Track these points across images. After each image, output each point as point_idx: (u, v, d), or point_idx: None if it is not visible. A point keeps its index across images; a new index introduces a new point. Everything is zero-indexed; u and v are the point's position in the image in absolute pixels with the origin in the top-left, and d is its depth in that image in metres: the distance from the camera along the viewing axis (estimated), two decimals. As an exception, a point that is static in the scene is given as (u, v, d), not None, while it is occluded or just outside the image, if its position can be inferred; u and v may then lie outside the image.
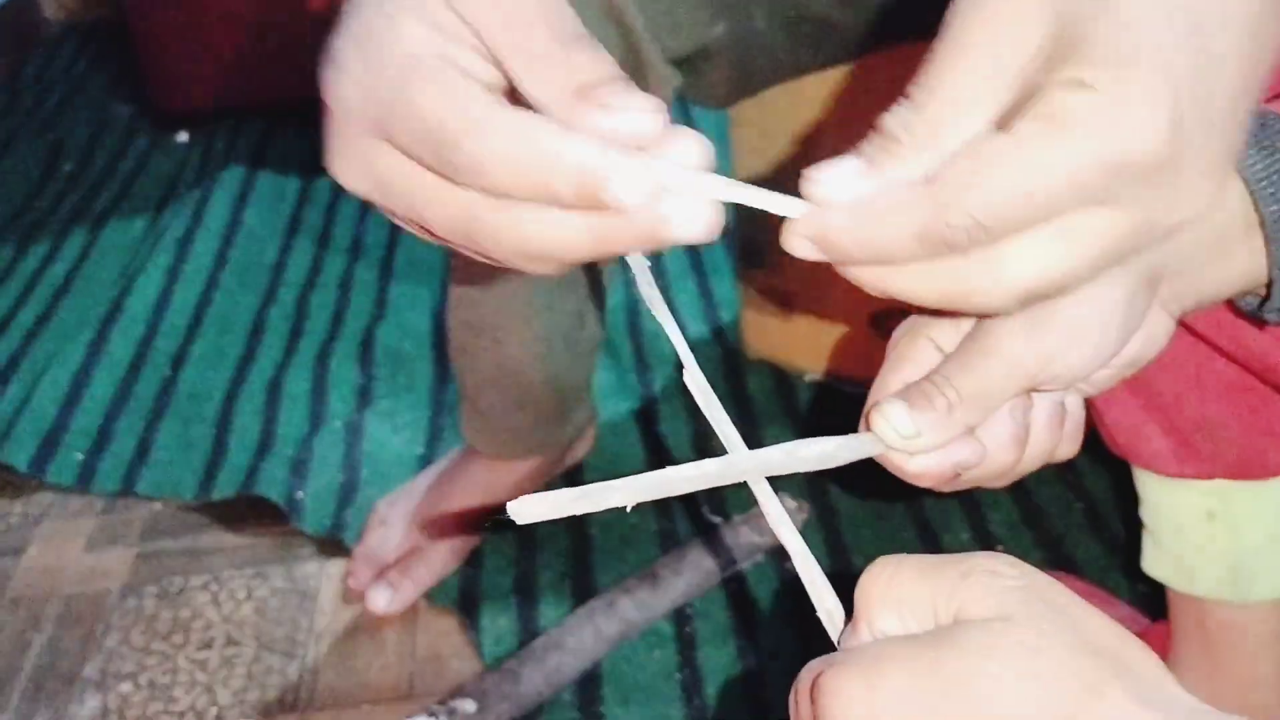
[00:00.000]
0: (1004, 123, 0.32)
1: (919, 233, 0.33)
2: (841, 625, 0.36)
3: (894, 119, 0.34)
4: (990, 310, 0.36)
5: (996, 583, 0.31)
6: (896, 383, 0.42)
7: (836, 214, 0.34)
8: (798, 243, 0.36)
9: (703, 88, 0.93)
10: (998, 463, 0.42)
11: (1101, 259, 0.34)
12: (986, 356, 0.40)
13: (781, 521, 0.38)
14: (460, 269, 0.92)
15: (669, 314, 0.41)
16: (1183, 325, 0.63)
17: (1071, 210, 0.32)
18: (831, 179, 0.34)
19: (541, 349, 0.94)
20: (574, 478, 1.07)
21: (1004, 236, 0.33)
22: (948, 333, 0.42)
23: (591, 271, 0.95)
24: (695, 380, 0.40)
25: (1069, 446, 0.45)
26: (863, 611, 0.33)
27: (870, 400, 0.43)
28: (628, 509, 0.37)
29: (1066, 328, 0.39)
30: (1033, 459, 0.43)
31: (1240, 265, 0.43)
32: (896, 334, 0.44)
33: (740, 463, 0.39)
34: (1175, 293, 0.42)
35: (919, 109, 0.33)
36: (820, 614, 0.36)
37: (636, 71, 0.83)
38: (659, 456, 1.11)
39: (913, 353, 0.43)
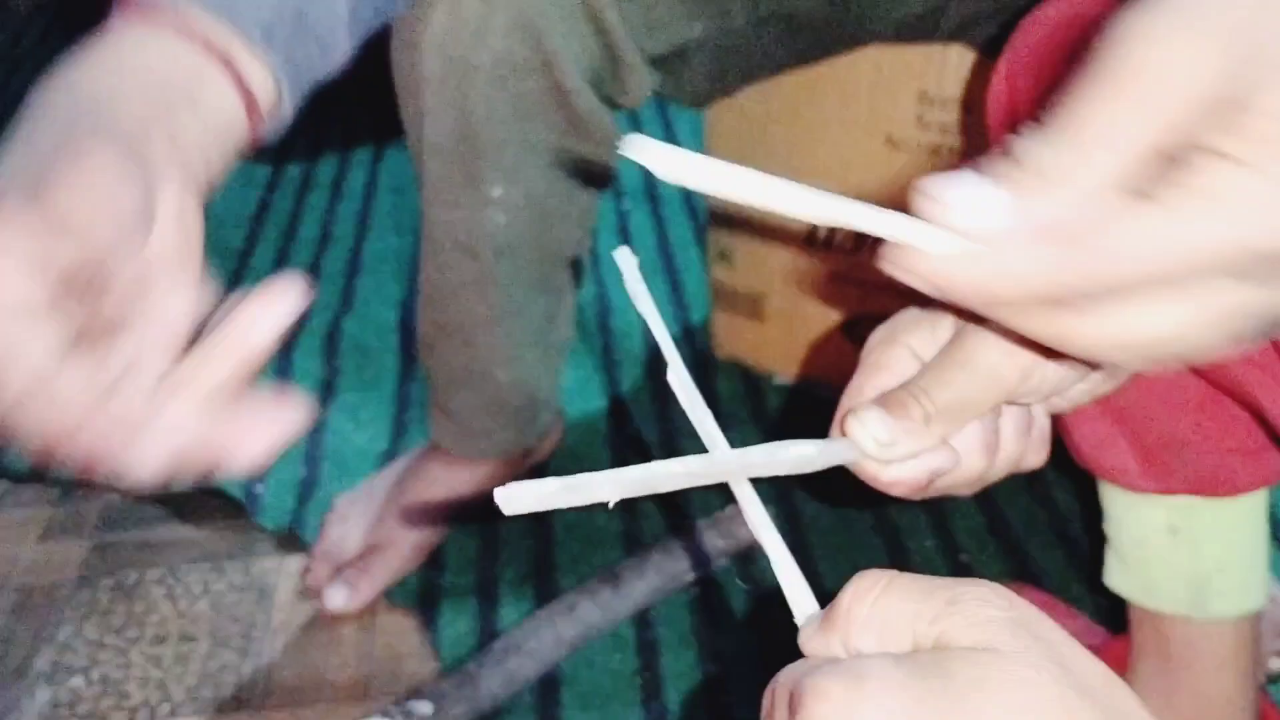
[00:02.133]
0: (1143, 172, 0.30)
1: (1046, 290, 0.31)
2: (809, 613, 0.35)
3: (1036, 148, 0.30)
4: (1095, 358, 0.34)
5: (984, 612, 0.30)
6: (872, 390, 0.42)
7: (959, 261, 0.31)
8: (901, 274, 0.33)
9: (680, 87, 0.92)
10: (968, 470, 0.42)
11: (1224, 328, 0.32)
12: (964, 368, 0.39)
13: (763, 524, 0.38)
14: (430, 267, 0.91)
15: (655, 311, 0.40)
16: None
17: (1206, 279, 0.30)
18: (969, 203, 0.31)
19: (511, 351, 0.93)
20: (538, 476, 1.06)
21: (1132, 299, 0.31)
22: (925, 341, 0.42)
23: (563, 274, 0.94)
24: (680, 379, 0.39)
25: (1036, 456, 0.45)
26: (840, 624, 0.32)
27: (843, 406, 0.42)
28: (609, 505, 0.37)
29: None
30: (1001, 467, 0.43)
31: None
32: (872, 340, 0.43)
33: (723, 462, 0.38)
34: None
35: (1067, 143, 0.30)
36: (798, 618, 0.36)
37: (614, 72, 0.82)
38: (626, 456, 1.10)
39: (889, 360, 0.42)
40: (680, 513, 1.03)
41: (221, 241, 1.46)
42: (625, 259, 0.41)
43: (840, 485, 0.47)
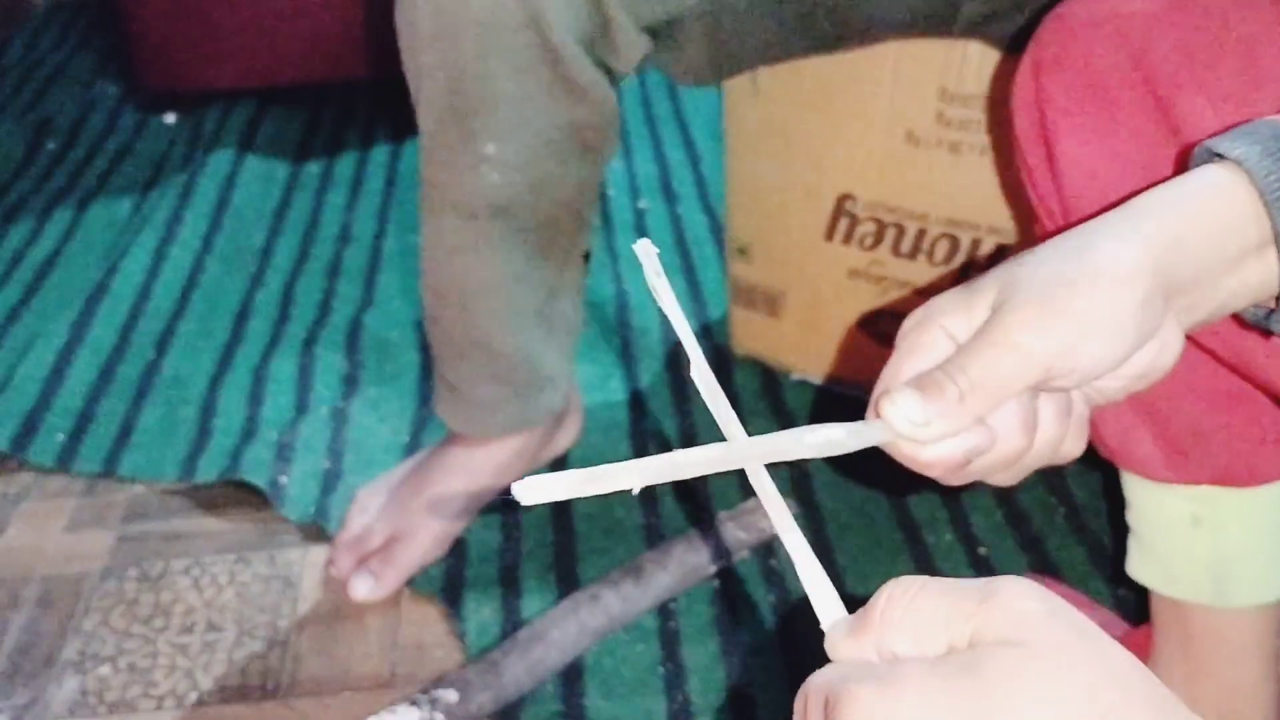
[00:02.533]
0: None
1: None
2: (837, 618, 0.35)
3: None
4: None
5: (1016, 606, 0.30)
6: (908, 371, 0.43)
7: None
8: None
9: (680, 61, 0.91)
10: (1007, 449, 0.43)
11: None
12: (999, 348, 0.40)
13: (783, 517, 0.38)
14: (428, 230, 0.91)
15: (676, 305, 0.41)
16: None
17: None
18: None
19: (510, 319, 0.93)
20: (558, 469, 1.07)
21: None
22: (960, 324, 0.43)
23: (564, 246, 0.94)
24: (701, 374, 0.40)
25: (1075, 444, 0.45)
26: (874, 629, 0.32)
27: (878, 390, 0.43)
28: (633, 492, 0.37)
29: (1080, 322, 0.40)
30: (1040, 450, 0.44)
31: (1253, 277, 0.43)
32: (908, 324, 0.44)
33: (748, 448, 0.39)
34: (1188, 305, 0.43)
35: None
36: (823, 619, 0.36)
37: (604, 32, 0.82)
38: (647, 450, 1.11)
39: (925, 341, 0.43)
40: (702, 505, 1.04)
41: (243, 239, 1.47)
42: (646, 251, 0.42)
43: (866, 469, 0.48)
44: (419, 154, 0.88)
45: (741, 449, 0.38)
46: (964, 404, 0.41)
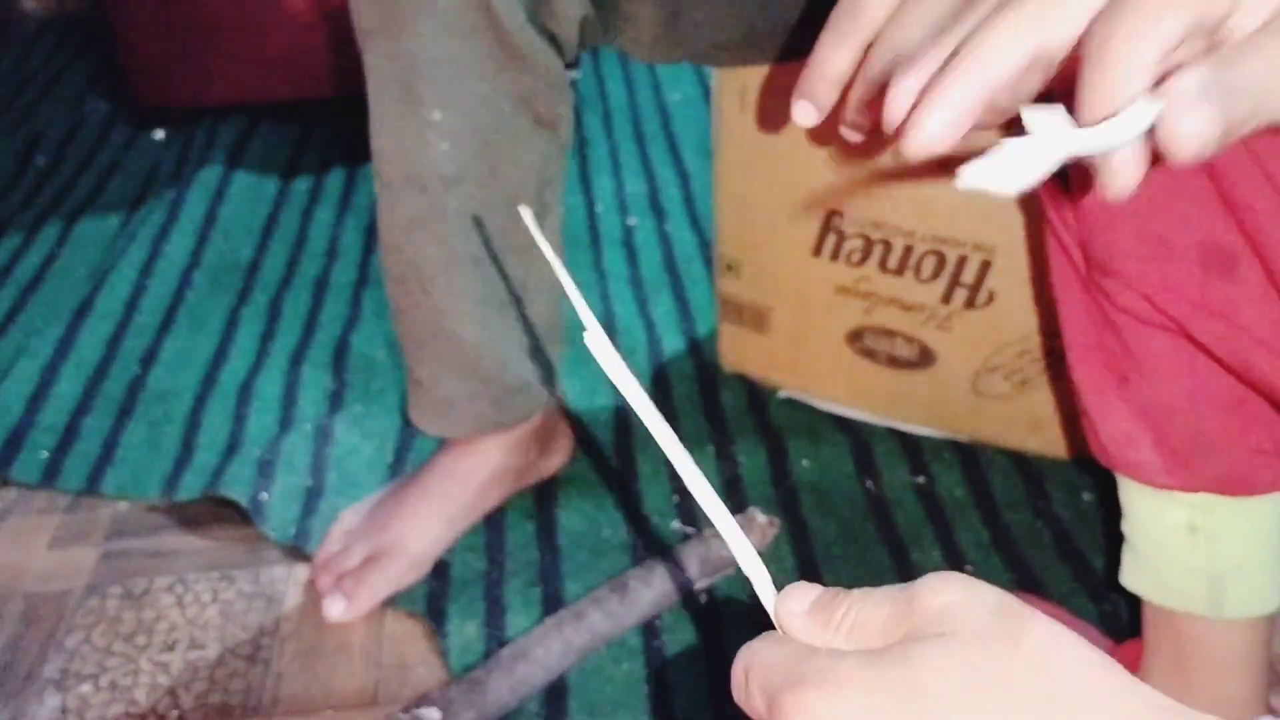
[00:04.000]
0: None
1: None
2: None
3: None
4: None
5: (939, 602, 0.33)
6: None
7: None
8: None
9: (631, 33, 0.89)
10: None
11: None
12: None
13: (730, 531, 0.40)
14: (382, 207, 0.89)
15: (565, 272, 0.41)
16: (1184, 336, 0.64)
17: None
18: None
19: (471, 306, 0.91)
20: (545, 494, 1.07)
21: None
22: None
23: (527, 235, 0.92)
24: (597, 342, 0.40)
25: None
26: (825, 629, 0.35)
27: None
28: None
29: None
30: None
31: None
32: None
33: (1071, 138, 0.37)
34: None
35: None
36: (759, 589, 0.38)
37: None
38: (633, 467, 1.10)
39: None
40: (688, 521, 1.04)
41: (230, 254, 1.47)
42: (526, 215, 0.43)
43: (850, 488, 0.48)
44: (369, 124, 0.86)
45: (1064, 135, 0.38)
46: (1233, 106, 0.35)
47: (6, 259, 1.48)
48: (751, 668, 0.34)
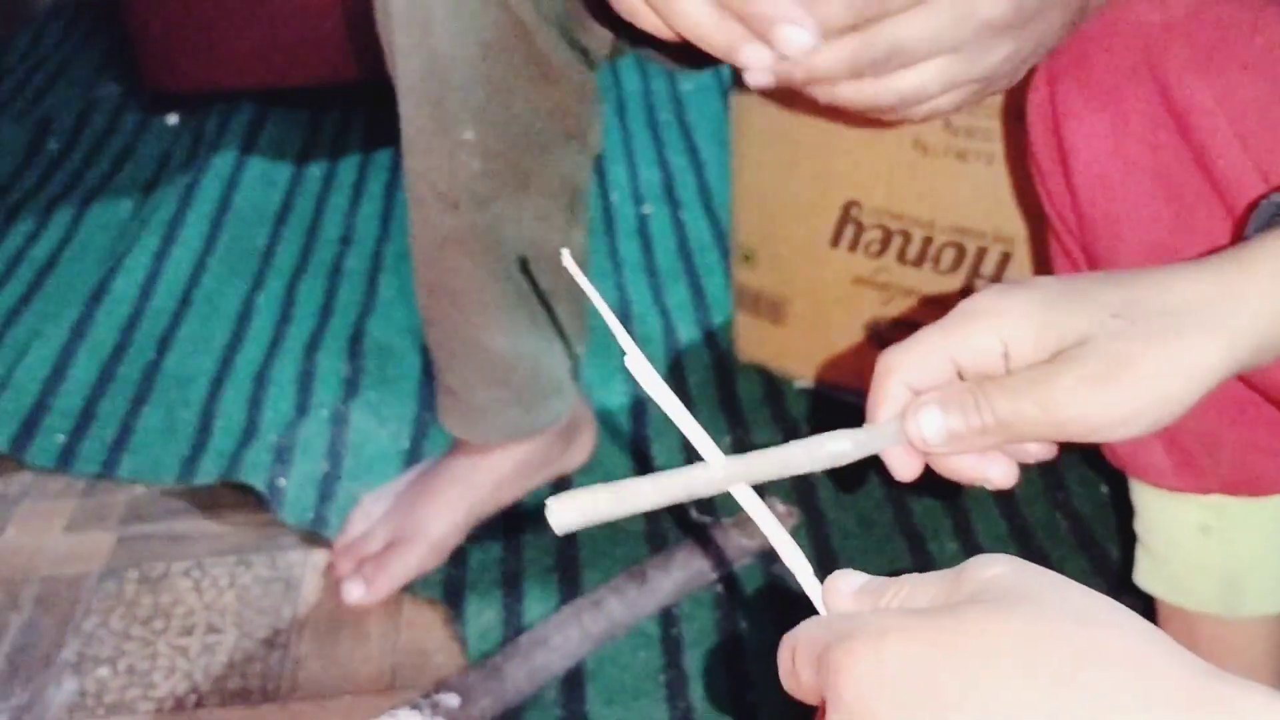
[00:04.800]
0: None
1: (846, 69, 0.56)
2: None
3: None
4: (882, 111, 0.59)
5: (987, 573, 0.33)
6: (944, 353, 0.43)
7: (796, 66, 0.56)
8: (759, 77, 0.57)
9: (663, 46, 0.89)
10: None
11: (953, 85, 0.57)
12: (1039, 406, 0.41)
13: (766, 521, 0.41)
14: (416, 223, 0.90)
15: (607, 307, 0.42)
16: None
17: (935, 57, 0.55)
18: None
19: (504, 318, 0.91)
20: (562, 486, 1.07)
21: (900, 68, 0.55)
22: (1024, 337, 0.42)
23: (565, 244, 0.92)
24: (638, 364, 0.41)
25: (1046, 451, 0.46)
26: (869, 600, 0.37)
27: (913, 352, 0.44)
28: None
29: (1133, 407, 0.41)
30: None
31: None
32: (976, 303, 0.44)
33: (763, 463, 0.41)
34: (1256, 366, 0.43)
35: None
36: (807, 589, 0.39)
37: (576, 13, 0.81)
38: (649, 458, 1.10)
39: (979, 340, 0.43)
40: (706, 510, 1.04)
41: (244, 241, 1.47)
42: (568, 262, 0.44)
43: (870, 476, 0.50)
44: (401, 143, 0.86)
45: (759, 465, 0.41)
46: (982, 437, 0.42)
47: (20, 243, 1.48)
48: (798, 644, 0.35)
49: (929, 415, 0.42)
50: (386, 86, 0.85)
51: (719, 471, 0.40)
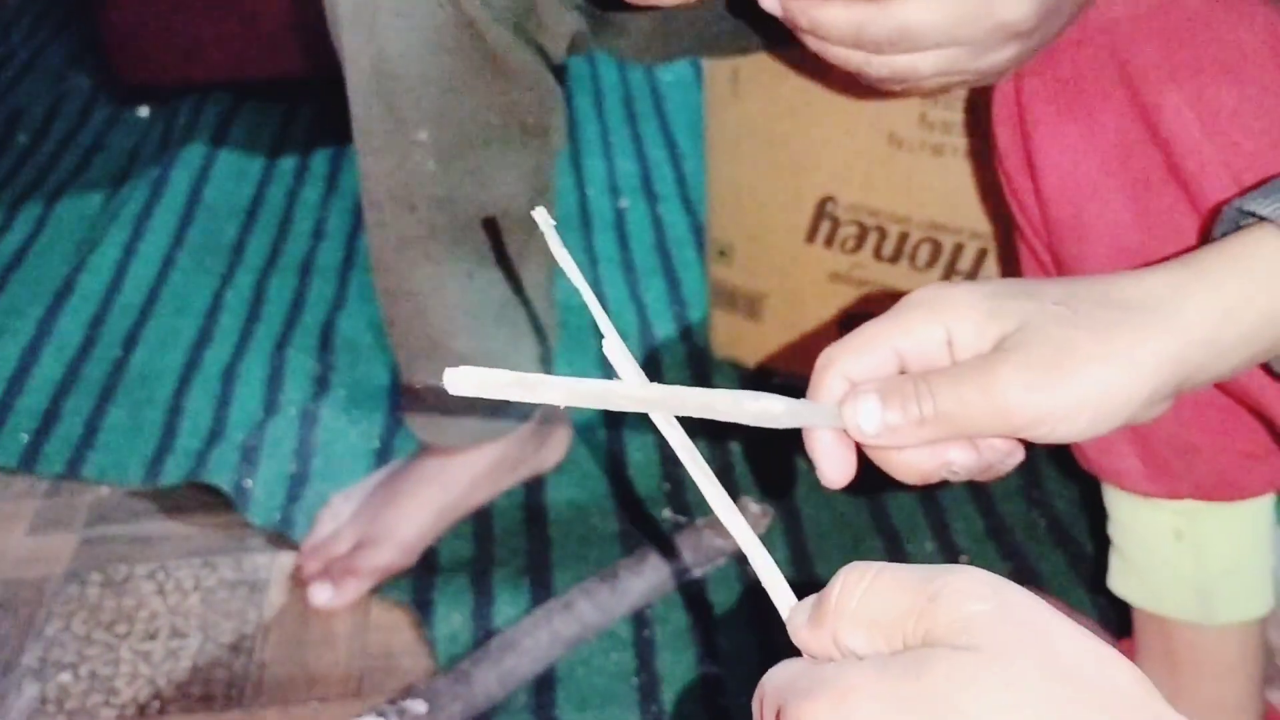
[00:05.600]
0: None
1: (852, 38, 0.55)
2: (794, 603, 0.35)
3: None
4: (874, 80, 0.57)
5: (966, 606, 0.30)
6: (885, 346, 0.41)
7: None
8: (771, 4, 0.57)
9: (624, 39, 0.88)
10: (954, 459, 0.42)
11: (949, 70, 0.55)
12: (981, 394, 0.39)
13: (736, 524, 0.38)
14: (372, 225, 0.88)
15: (582, 278, 0.40)
16: None
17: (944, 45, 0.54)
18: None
19: (468, 320, 0.90)
20: (539, 484, 1.05)
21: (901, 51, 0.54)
22: (966, 328, 0.41)
23: (520, 240, 0.91)
24: (616, 349, 0.39)
25: (1016, 460, 0.44)
26: (830, 619, 0.32)
27: (851, 346, 0.42)
28: (560, 406, 0.37)
29: (1076, 399, 0.39)
30: (977, 466, 0.43)
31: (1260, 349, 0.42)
32: (918, 296, 0.42)
33: (682, 397, 0.39)
34: (1194, 385, 0.42)
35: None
36: (779, 605, 0.36)
37: (530, 11, 0.79)
38: (624, 453, 1.09)
39: (922, 330, 0.41)
40: (679, 511, 1.02)
41: (215, 235, 1.45)
42: (543, 220, 0.42)
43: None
44: (354, 143, 0.85)
45: (679, 398, 0.38)
46: (921, 429, 0.40)
47: (-13, 238, 1.46)
48: (765, 693, 0.33)
49: (866, 404, 0.40)
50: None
51: (635, 390, 0.38)
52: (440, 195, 0.84)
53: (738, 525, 0.38)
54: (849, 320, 1.08)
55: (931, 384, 0.40)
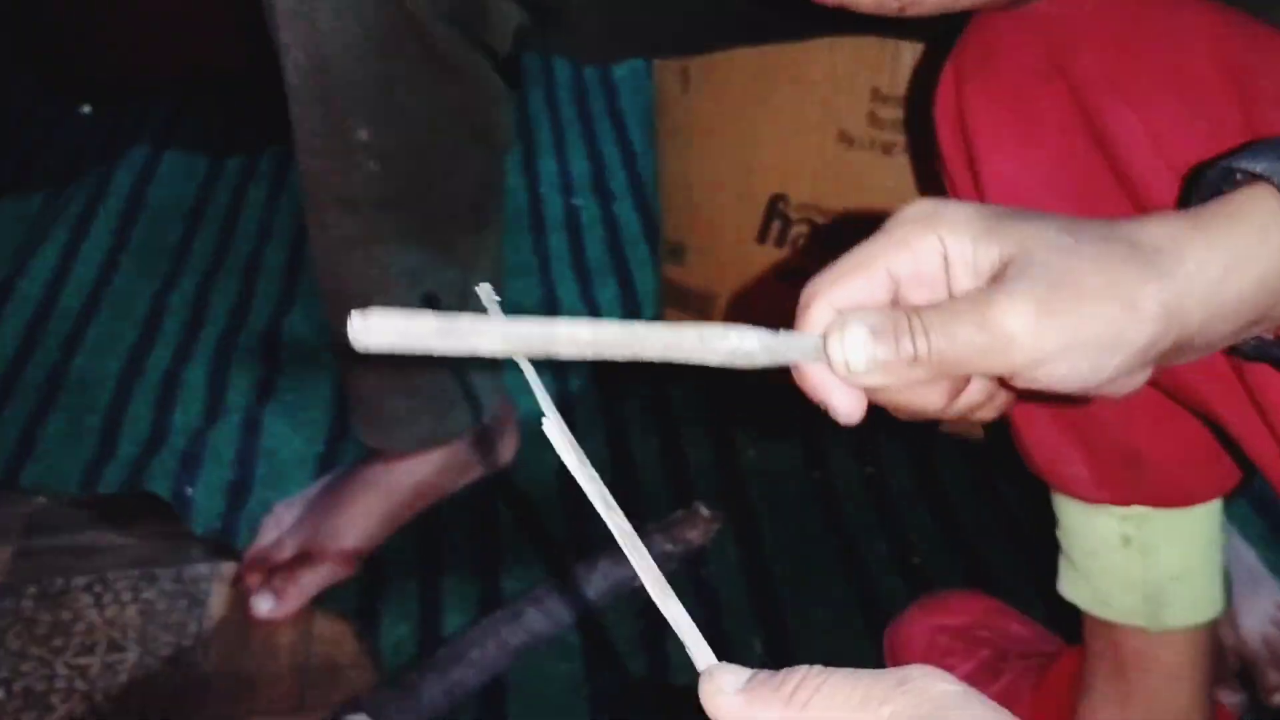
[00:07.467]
0: None
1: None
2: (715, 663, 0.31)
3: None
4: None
5: (935, 689, 0.28)
6: (879, 268, 0.38)
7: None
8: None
9: (574, 38, 0.86)
10: (923, 406, 0.39)
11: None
12: (982, 330, 0.36)
13: (631, 545, 0.33)
14: (313, 226, 0.86)
15: (538, 382, 0.35)
16: None
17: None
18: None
19: None
20: (494, 486, 1.03)
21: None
22: (962, 248, 0.38)
23: (469, 245, 0.89)
24: (556, 430, 0.34)
25: (990, 413, 0.42)
26: (780, 704, 0.30)
27: (839, 273, 0.38)
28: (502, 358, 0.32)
29: (1071, 336, 0.36)
30: (954, 412, 0.41)
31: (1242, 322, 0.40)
32: (910, 212, 0.39)
33: (643, 337, 0.34)
34: (1186, 357, 0.40)
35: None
36: (697, 663, 0.31)
37: (471, 8, 0.78)
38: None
39: (918, 245, 0.38)
40: (630, 516, 1.01)
41: (157, 236, 1.42)
42: (486, 293, 0.37)
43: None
44: (294, 143, 0.82)
45: (639, 337, 0.34)
46: (914, 367, 0.37)
47: (-77, 240, 1.42)
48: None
49: (854, 335, 0.36)
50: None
51: (585, 331, 0.33)
52: (383, 197, 0.82)
53: (645, 568, 0.32)
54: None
55: (926, 318, 0.37)
